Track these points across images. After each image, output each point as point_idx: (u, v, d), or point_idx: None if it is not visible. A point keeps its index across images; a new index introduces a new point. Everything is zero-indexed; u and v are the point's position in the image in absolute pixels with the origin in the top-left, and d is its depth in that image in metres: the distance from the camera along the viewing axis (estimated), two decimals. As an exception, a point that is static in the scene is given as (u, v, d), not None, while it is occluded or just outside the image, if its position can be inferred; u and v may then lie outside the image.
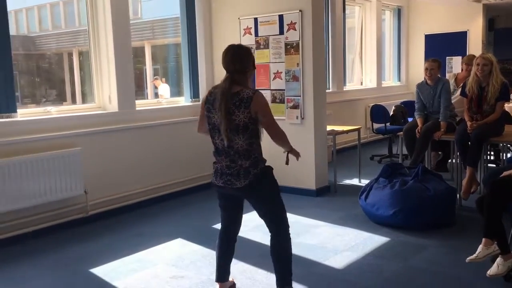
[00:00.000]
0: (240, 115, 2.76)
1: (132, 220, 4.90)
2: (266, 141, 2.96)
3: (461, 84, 5.31)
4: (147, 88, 10.56)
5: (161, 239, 4.30)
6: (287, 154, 3.08)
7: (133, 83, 5.33)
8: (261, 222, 4.61)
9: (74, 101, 5.92)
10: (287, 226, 3.01)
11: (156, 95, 10.10)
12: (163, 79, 10.43)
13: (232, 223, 3.14)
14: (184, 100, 6.22)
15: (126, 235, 4.46)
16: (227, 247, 3.14)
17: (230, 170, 2.85)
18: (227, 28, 6.06)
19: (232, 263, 3.55)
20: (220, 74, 6.17)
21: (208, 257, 3.86)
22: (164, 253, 3.99)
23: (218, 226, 4.62)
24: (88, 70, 5.23)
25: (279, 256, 3.01)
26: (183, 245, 4.18)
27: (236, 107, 2.76)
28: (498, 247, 3.20)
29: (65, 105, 5.53)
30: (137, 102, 5.49)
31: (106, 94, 5.16)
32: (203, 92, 6.22)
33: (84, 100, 5.57)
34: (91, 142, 4.86)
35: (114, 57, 5.03)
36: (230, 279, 3.26)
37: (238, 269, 3.60)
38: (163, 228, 4.65)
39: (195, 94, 6.20)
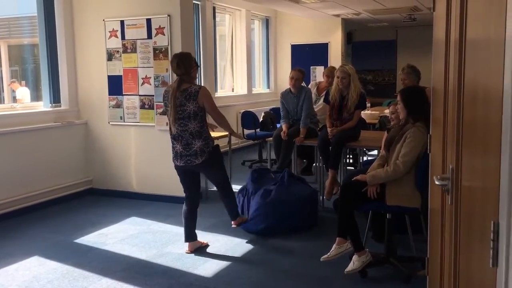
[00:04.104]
0: (190, 106, 3.68)
1: (-21, 239, 4.36)
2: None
3: (323, 93, 5.63)
4: (3, 92, 9.57)
5: (15, 259, 3.88)
6: (230, 136, 4.18)
7: (-20, 86, 4.79)
8: (128, 234, 4.47)
9: None
10: (229, 182, 4.07)
11: (15, 99, 9.20)
12: (22, 82, 9.54)
13: (192, 192, 4.00)
14: (43, 105, 5.74)
15: (-29, 257, 3.95)
16: (191, 213, 4.00)
17: (188, 151, 3.74)
18: (91, 29, 5.73)
19: (95, 279, 3.44)
20: (86, 76, 5.83)
21: (67, 275, 3.57)
22: (17, 274, 3.60)
23: (82, 240, 4.40)
24: None
25: (227, 200, 4.06)
26: (40, 263, 3.81)
27: (187, 100, 3.68)
28: (352, 245, 3.42)
29: None
30: (-14, 107, 4.96)
31: None
32: (65, 96, 5.80)
33: None
34: None
35: (-44, 56, 4.47)
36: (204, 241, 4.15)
37: (102, 285, 3.39)
38: (18, 245, 4.21)
39: (55, 98, 5.74)
